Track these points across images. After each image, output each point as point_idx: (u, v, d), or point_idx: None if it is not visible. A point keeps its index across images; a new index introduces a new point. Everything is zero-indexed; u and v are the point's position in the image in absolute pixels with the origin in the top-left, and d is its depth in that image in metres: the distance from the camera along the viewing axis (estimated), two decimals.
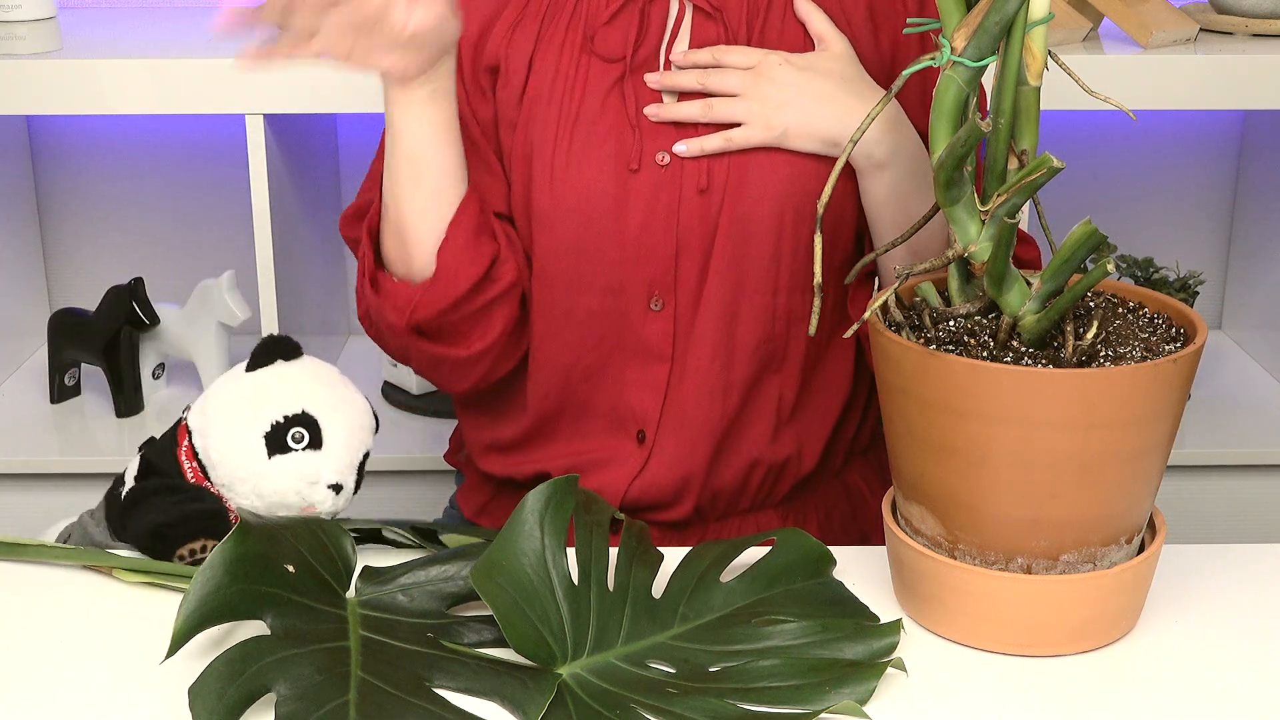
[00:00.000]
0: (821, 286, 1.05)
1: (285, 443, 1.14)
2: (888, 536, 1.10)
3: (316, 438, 1.14)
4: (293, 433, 1.14)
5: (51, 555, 1.16)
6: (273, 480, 1.14)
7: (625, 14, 1.30)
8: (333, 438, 1.15)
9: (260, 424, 1.14)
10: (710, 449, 1.34)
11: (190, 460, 1.17)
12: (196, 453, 1.17)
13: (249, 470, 1.14)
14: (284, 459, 1.14)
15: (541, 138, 1.29)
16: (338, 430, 1.15)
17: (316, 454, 1.15)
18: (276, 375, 1.16)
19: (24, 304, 2.23)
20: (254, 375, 1.16)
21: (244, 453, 1.14)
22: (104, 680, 1.01)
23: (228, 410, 1.16)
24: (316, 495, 1.15)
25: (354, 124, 2.23)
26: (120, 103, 1.83)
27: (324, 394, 1.16)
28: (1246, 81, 1.84)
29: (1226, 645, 1.06)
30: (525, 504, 1.03)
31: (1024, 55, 0.99)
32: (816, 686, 0.97)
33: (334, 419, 1.15)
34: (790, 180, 1.28)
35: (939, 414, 1.00)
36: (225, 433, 1.15)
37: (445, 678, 0.97)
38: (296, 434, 1.14)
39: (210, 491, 1.16)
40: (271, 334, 1.20)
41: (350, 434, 1.16)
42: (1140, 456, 1.00)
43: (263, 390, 1.16)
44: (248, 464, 1.14)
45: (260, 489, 1.14)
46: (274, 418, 1.14)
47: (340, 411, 1.16)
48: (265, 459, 1.14)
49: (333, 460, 1.15)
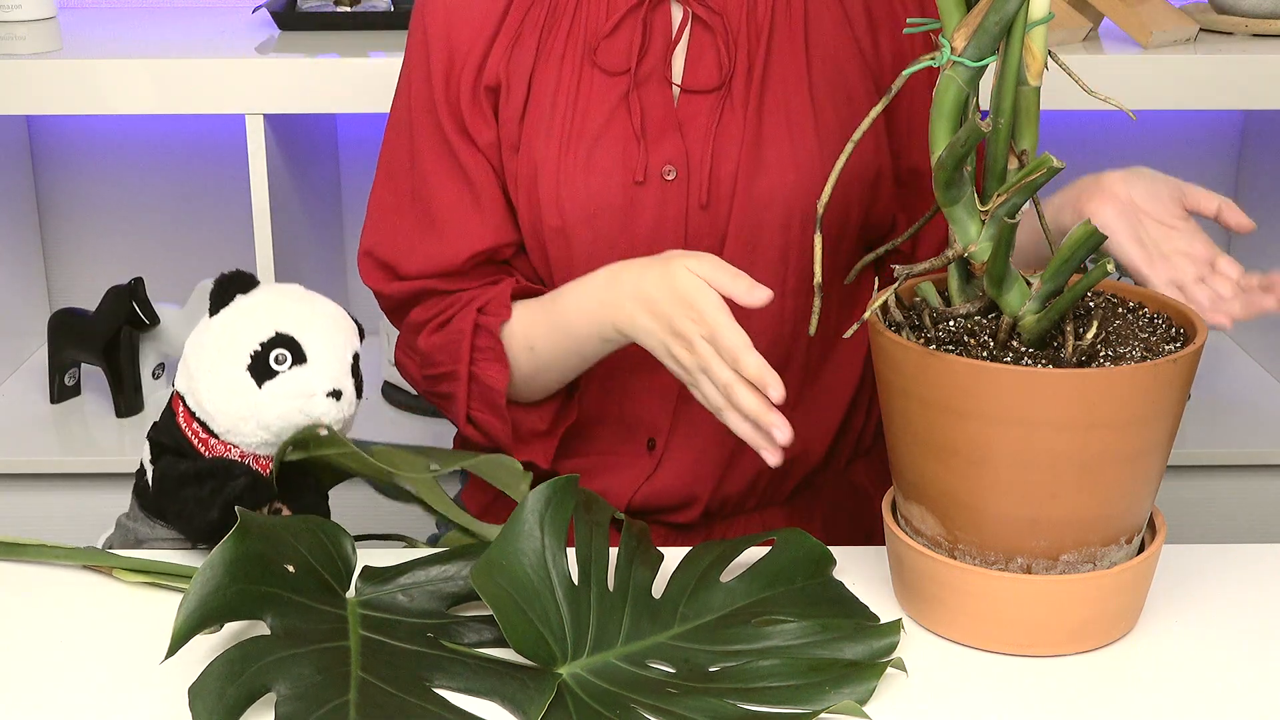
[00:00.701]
0: (822, 286, 1.05)
1: (270, 368, 1.13)
2: (888, 536, 1.10)
3: (299, 353, 1.14)
4: (274, 355, 1.14)
5: (51, 555, 1.16)
6: (271, 408, 1.13)
7: (627, 24, 1.28)
8: (315, 348, 1.15)
9: (240, 358, 1.14)
10: (720, 457, 1.34)
11: (190, 424, 1.17)
12: (195, 415, 1.17)
13: (246, 407, 1.13)
14: (273, 383, 1.13)
15: (545, 154, 1.28)
16: (318, 339, 1.15)
17: (304, 368, 1.14)
18: (240, 310, 1.16)
19: (24, 304, 2.23)
20: (219, 317, 1.16)
21: (234, 393, 1.14)
22: (104, 680, 1.01)
23: (206, 358, 1.15)
24: (318, 407, 1.14)
25: (354, 124, 2.23)
26: (120, 103, 1.83)
27: (294, 309, 1.16)
28: (1246, 81, 1.84)
29: (1226, 645, 1.06)
30: (525, 504, 1.03)
31: (1024, 55, 0.99)
32: (816, 686, 0.97)
33: (310, 330, 1.15)
34: (796, 184, 1.27)
35: (939, 414, 1.00)
36: (211, 380, 1.15)
37: (445, 678, 0.97)
38: (279, 355, 1.14)
39: (225, 460, 1.16)
40: (222, 272, 1.19)
41: (332, 339, 1.16)
42: (1140, 456, 1.00)
43: (231, 327, 1.15)
44: (242, 402, 1.14)
45: (263, 421, 1.14)
46: (251, 348, 1.14)
47: (315, 322, 1.16)
48: (257, 390, 1.13)
49: (322, 368, 1.14)
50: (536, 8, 1.30)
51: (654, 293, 1.16)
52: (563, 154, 1.27)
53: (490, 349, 1.29)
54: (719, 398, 1.11)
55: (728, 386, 1.09)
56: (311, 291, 1.20)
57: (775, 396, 1.05)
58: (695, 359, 1.13)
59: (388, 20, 2.02)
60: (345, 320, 1.19)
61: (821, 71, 1.29)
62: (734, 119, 1.27)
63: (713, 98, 1.28)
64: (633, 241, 1.28)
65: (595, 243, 1.28)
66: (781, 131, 1.27)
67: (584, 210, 1.27)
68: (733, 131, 1.27)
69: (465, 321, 1.29)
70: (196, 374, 1.16)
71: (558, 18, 1.29)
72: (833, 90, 1.30)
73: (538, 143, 1.28)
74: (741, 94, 1.27)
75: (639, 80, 1.28)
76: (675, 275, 1.15)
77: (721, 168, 1.27)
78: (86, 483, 1.94)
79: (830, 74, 1.30)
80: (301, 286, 1.20)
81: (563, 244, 1.29)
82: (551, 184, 1.28)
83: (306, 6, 2.08)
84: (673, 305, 1.15)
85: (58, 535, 1.29)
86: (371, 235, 1.36)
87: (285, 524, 1.05)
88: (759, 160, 1.27)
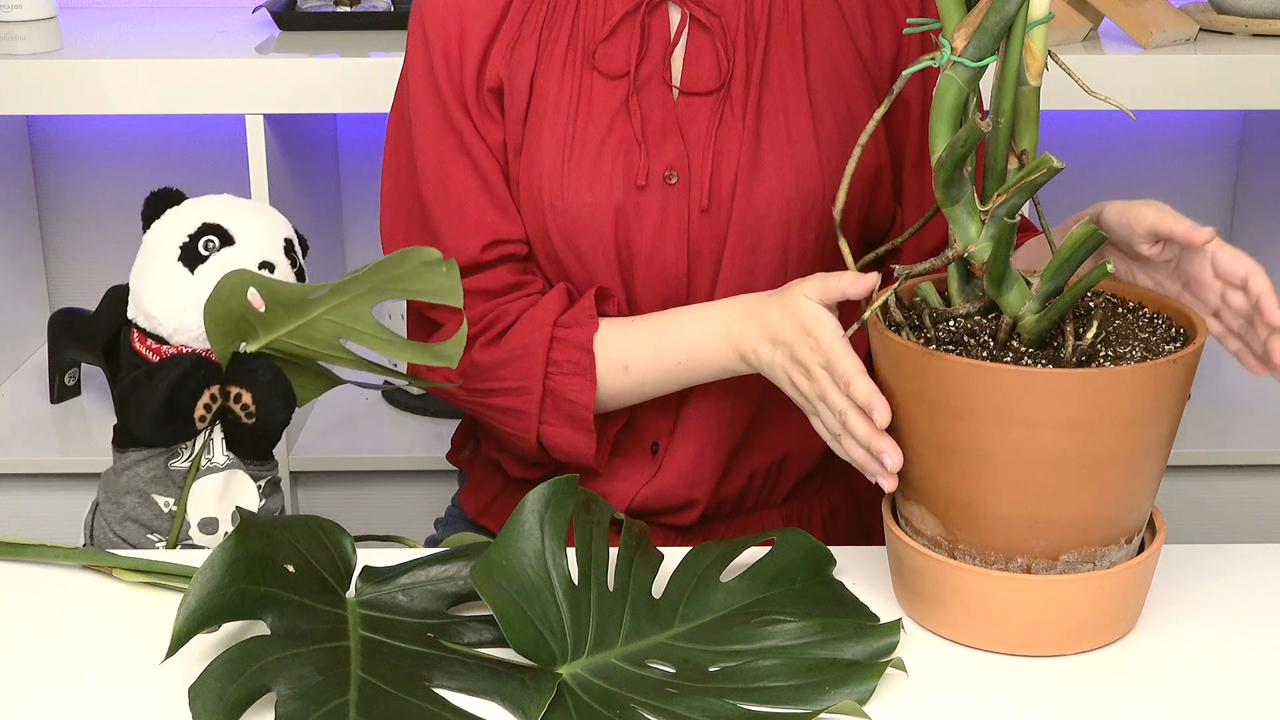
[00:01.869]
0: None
1: (199, 254, 1.17)
2: (888, 536, 1.10)
3: (227, 237, 1.17)
4: (203, 242, 1.17)
5: (51, 555, 1.16)
6: (206, 291, 1.15)
7: (625, 27, 1.28)
8: (242, 228, 1.17)
9: (171, 253, 1.17)
10: (720, 458, 1.34)
11: (144, 343, 1.20)
12: (145, 331, 1.19)
13: (184, 297, 1.15)
14: (204, 266, 1.16)
15: (549, 159, 1.27)
16: (244, 222, 1.18)
17: (232, 248, 1.17)
18: (168, 216, 1.20)
19: (24, 304, 2.23)
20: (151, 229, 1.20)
21: (170, 284, 1.17)
22: (104, 680, 1.01)
23: (143, 269, 1.19)
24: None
25: (354, 124, 2.23)
26: (120, 103, 1.83)
27: (218, 204, 1.19)
28: (1246, 81, 1.84)
29: (1226, 645, 1.06)
30: (525, 504, 1.03)
31: (1024, 55, 0.99)
32: (816, 686, 0.97)
33: (235, 215, 1.18)
34: (796, 186, 1.27)
35: (939, 414, 1.00)
36: (148, 284, 1.18)
37: (445, 678, 0.97)
38: (207, 242, 1.17)
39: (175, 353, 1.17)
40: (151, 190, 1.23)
41: (259, 221, 1.19)
42: (1140, 456, 1.00)
43: (160, 232, 1.19)
44: (178, 293, 1.16)
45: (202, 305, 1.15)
46: (180, 240, 1.17)
47: (238, 210, 1.19)
48: (190, 277, 1.16)
49: (249, 245, 1.17)
50: (536, 8, 1.29)
51: (776, 322, 1.18)
52: (566, 159, 1.27)
53: (572, 363, 1.27)
54: (835, 424, 1.11)
55: (843, 413, 1.09)
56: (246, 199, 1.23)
57: (880, 420, 1.05)
58: (813, 386, 1.13)
59: (388, 20, 2.02)
60: (272, 211, 1.22)
61: (819, 71, 1.29)
62: (733, 121, 1.27)
63: (712, 99, 1.27)
64: (637, 246, 1.28)
65: (601, 248, 1.28)
66: (780, 133, 1.27)
67: (589, 216, 1.27)
68: (732, 134, 1.27)
69: (536, 335, 1.27)
70: (138, 287, 1.19)
71: (556, 19, 1.29)
72: (830, 90, 1.30)
73: (541, 148, 1.28)
74: (740, 95, 1.27)
75: (638, 84, 1.28)
76: (795, 303, 1.16)
77: (722, 171, 1.27)
78: (86, 483, 1.93)
79: (828, 74, 1.30)
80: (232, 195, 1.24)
81: (570, 251, 1.29)
82: (555, 189, 1.27)
83: (306, 6, 2.08)
84: (793, 334, 1.15)
85: (58, 535, 1.29)
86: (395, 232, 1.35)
87: (285, 524, 1.05)
88: (758, 162, 1.27)
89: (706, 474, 1.34)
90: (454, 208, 1.29)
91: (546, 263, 1.31)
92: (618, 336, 1.27)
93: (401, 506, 1.99)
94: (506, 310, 1.29)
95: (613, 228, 1.27)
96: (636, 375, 1.27)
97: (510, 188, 1.30)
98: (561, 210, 1.27)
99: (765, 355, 1.19)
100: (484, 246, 1.29)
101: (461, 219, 1.29)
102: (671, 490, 1.34)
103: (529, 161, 1.28)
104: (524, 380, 1.27)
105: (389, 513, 1.99)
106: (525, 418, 1.29)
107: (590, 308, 1.28)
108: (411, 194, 1.32)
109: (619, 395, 1.29)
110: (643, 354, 1.27)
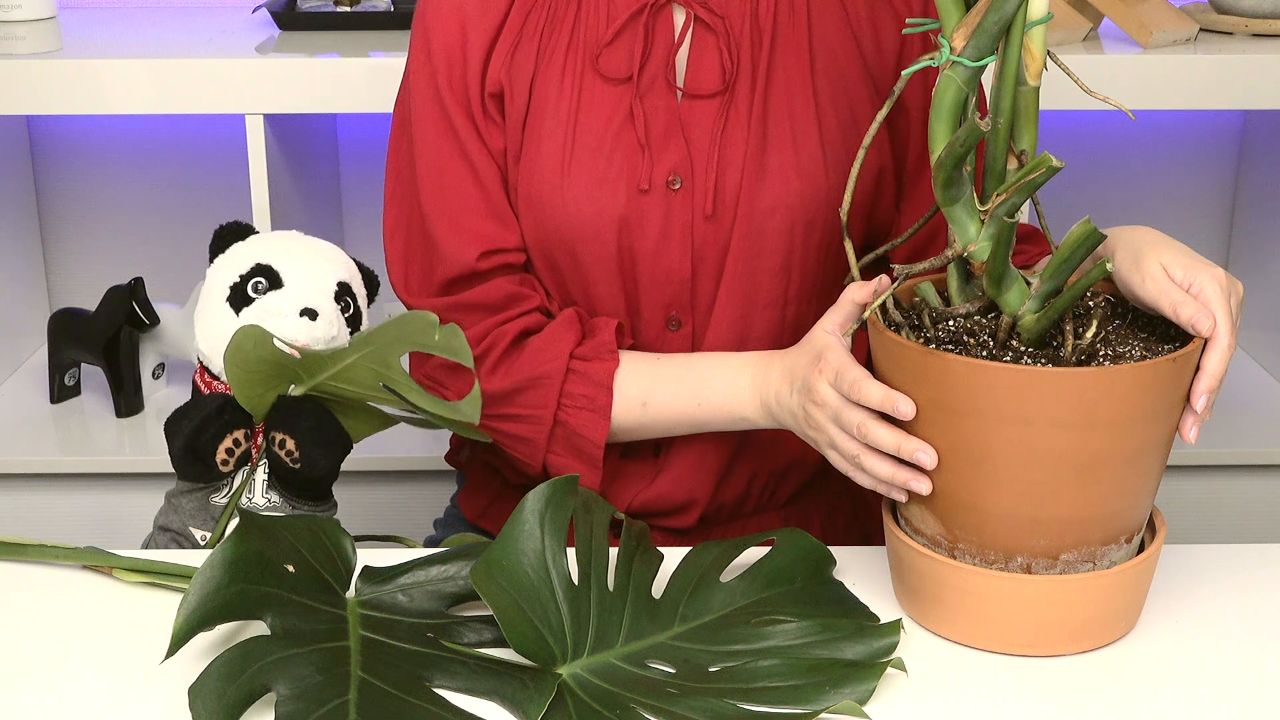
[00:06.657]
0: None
1: (248, 296, 1.17)
2: (887, 536, 1.10)
3: (276, 280, 1.17)
4: (252, 284, 1.17)
5: (51, 555, 1.16)
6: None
7: (628, 30, 1.27)
8: (291, 272, 1.17)
9: (221, 293, 1.17)
10: (720, 463, 1.34)
11: (202, 377, 1.21)
12: (205, 366, 1.20)
13: (228, 337, 1.15)
14: (249, 309, 1.17)
15: (549, 165, 1.26)
16: (295, 265, 1.18)
17: (278, 291, 1.17)
18: (229, 254, 1.20)
19: (24, 304, 2.23)
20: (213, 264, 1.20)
21: (219, 325, 1.17)
22: (104, 680, 1.01)
23: (201, 303, 1.20)
24: (290, 327, 1.16)
25: (354, 124, 2.23)
26: (120, 103, 1.83)
27: (277, 244, 1.19)
28: (1246, 81, 1.84)
29: (1226, 645, 1.06)
30: (525, 504, 1.03)
31: (1023, 55, 0.99)
32: (816, 686, 0.97)
33: (289, 258, 1.18)
34: (800, 191, 1.27)
35: (939, 413, 1.00)
36: (202, 321, 1.19)
37: (445, 678, 0.97)
38: (256, 284, 1.17)
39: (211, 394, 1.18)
40: (221, 223, 1.23)
41: (310, 265, 1.19)
42: (1140, 456, 1.00)
43: (218, 269, 1.19)
44: (223, 332, 1.16)
45: None
46: (230, 281, 1.17)
47: (295, 251, 1.19)
48: (234, 318, 1.16)
49: (294, 290, 1.17)
50: (536, 12, 1.29)
51: (794, 362, 1.18)
52: (566, 165, 1.26)
53: (588, 398, 1.26)
54: (853, 445, 1.09)
55: (861, 426, 1.07)
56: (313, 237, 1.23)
57: (906, 412, 1.02)
58: (824, 411, 1.12)
59: (388, 20, 2.02)
60: (334, 251, 1.21)
61: (824, 73, 1.29)
62: (738, 125, 1.26)
63: (716, 102, 1.27)
64: (640, 253, 1.27)
65: (603, 255, 1.27)
66: (785, 138, 1.26)
67: (590, 222, 1.26)
68: (737, 138, 1.26)
69: (552, 364, 1.26)
70: (197, 322, 1.20)
71: (557, 23, 1.28)
72: (834, 92, 1.29)
73: (540, 154, 1.27)
74: (745, 98, 1.26)
75: (642, 88, 1.27)
76: (812, 338, 1.16)
77: (726, 177, 1.26)
78: (86, 483, 1.94)
79: (833, 75, 1.29)
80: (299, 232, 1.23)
81: (570, 258, 1.28)
82: (556, 195, 1.26)
83: (306, 6, 2.08)
84: (807, 364, 1.16)
85: (58, 535, 1.29)
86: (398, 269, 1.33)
87: (285, 524, 1.05)
88: (763, 168, 1.26)
89: (707, 478, 1.34)
90: (450, 216, 1.29)
91: (544, 270, 1.31)
92: (642, 373, 1.27)
93: (400, 507, 1.98)
94: (504, 332, 1.28)
95: (615, 234, 1.26)
96: (653, 413, 1.27)
97: (509, 195, 1.30)
98: (562, 217, 1.27)
99: (785, 399, 1.19)
100: (479, 255, 1.28)
101: (458, 227, 1.28)
102: (671, 493, 1.34)
103: (528, 168, 1.28)
104: (536, 409, 1.27)
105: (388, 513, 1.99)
106: (533, 446, 1.28)
107: (610, 342, 1.27)
108: (411, 199, 1.32)
109: (632, 430, 1.28)
110: (663, 392, 1.26)
